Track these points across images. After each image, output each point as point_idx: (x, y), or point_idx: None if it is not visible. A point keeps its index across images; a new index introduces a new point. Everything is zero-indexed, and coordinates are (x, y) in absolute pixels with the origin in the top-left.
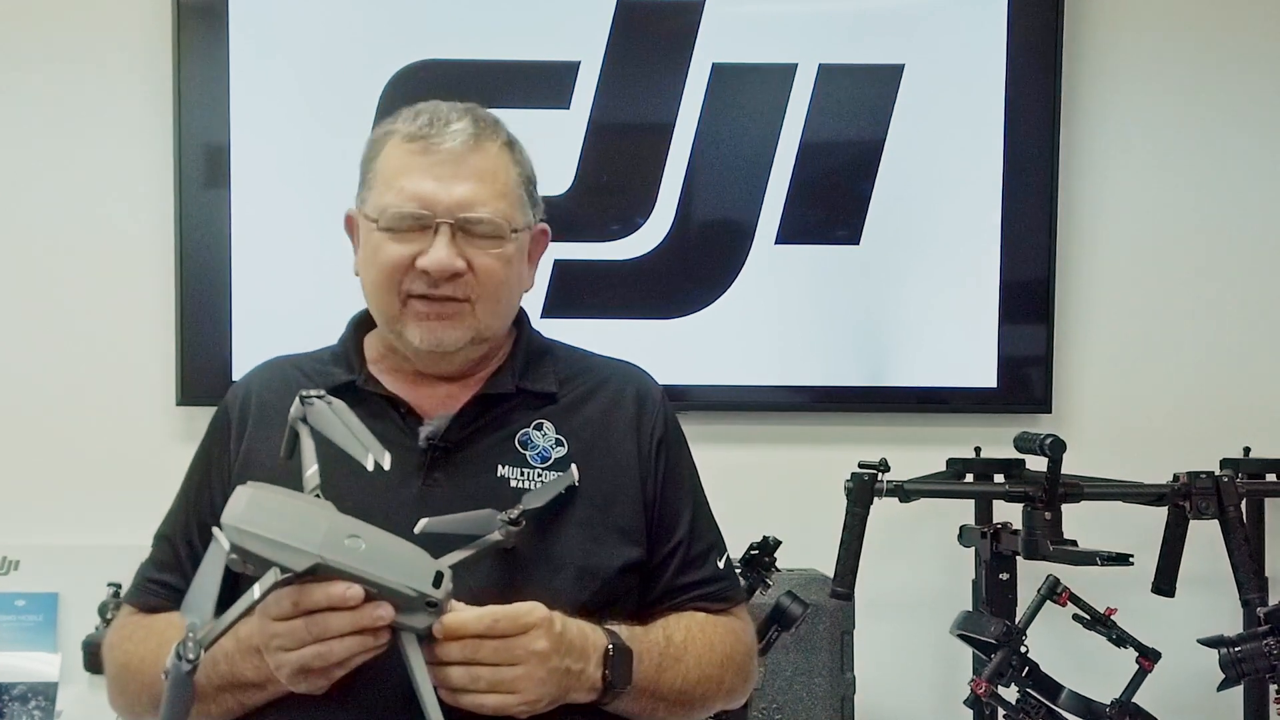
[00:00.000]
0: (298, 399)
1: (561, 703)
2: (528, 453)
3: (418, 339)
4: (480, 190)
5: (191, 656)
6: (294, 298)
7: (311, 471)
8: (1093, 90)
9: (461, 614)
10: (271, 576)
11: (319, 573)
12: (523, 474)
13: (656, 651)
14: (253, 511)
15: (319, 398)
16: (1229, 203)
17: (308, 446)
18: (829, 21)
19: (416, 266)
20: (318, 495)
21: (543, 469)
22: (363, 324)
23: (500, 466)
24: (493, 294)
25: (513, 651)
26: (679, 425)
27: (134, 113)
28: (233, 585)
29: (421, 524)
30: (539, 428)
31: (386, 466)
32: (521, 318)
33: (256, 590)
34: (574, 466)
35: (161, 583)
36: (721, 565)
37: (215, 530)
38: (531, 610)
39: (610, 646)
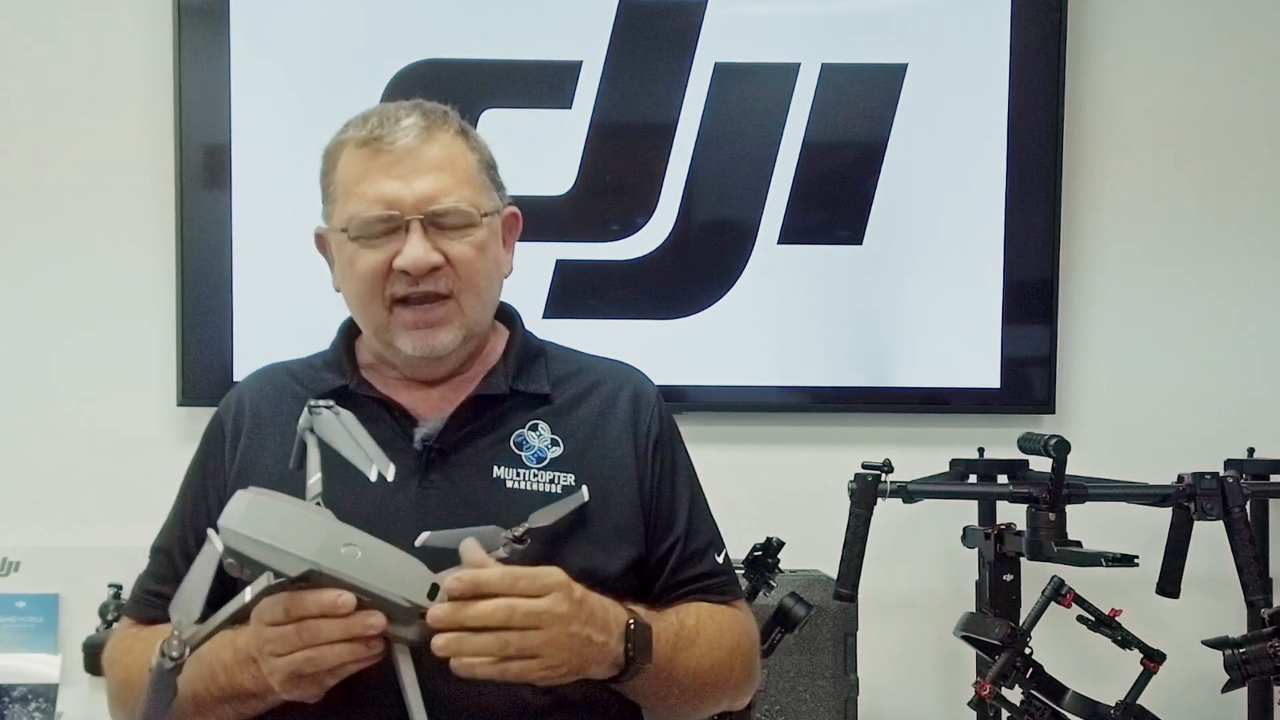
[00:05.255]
0: (306, 409)
1: (579, 675)
2: (523, 454)
3: (410, 348)
4: (442, 180)
5: (175, 655)
6: (295, 298)
7: (315, 479)
8: (1096, 89)
9: (480, 572)
10: (264, 580)
11: (313, 579)
12: (519, 475)
13: (672, 632)
14: (250, 516)
15: (327, 408)
16: (1234, 203)
17: (313, 456)
18: (831, 21)
19: (395, 268)
20: (318, 503)
21: (539, 469)
22: (353, 329)
23: (496, 467)
24: (472, 283)
25: (536, 614)
26: (675, 424)
27: (135, 113)
28: (231, 590)
29: (423, 537)
30: (534, 428)
31: (390, 478)
32: (515, 319)
33: (248, 594)
34: (585, 488)
35: (160, 595)
36: (720, 561)
37: (210, 532)
38: (550, 573)
39: (631, 622)
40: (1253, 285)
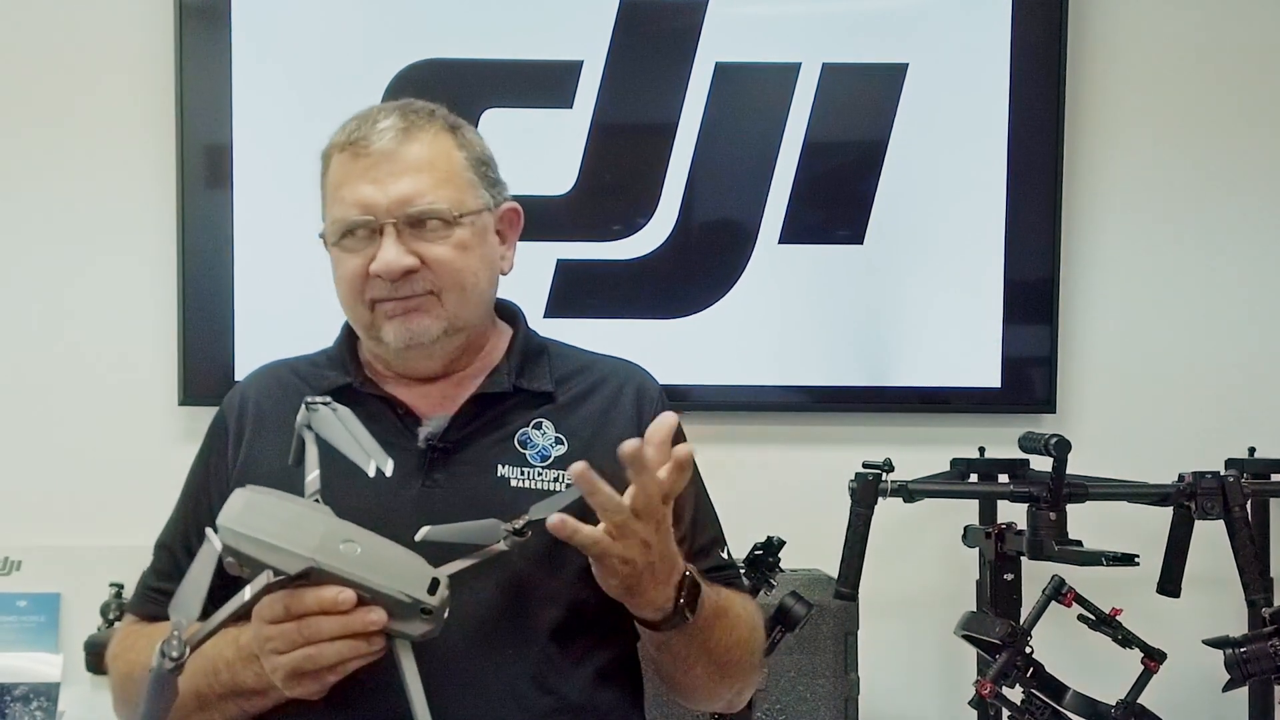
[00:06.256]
0: (303, 405)
1: (631, 593)
2: (527, 452)
3: (392, 337)
4: (418, 182)
5: (175, 655)
6: (296, 298)
7: (313, 476)
8: (1097, 89)
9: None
10: (263, 579)
11: (312, 577)
12: (523, 473)
13: (713, 600)
14: (248, 514)
15: (324, 404)
16: (1234, 202)
17: (311, 453)
18: (832, 20)
19: (370, 273)
20: (317, 500)
21: (543, 468)
22: None
23: (500, 466)
24: (454, 282)
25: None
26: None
27: (136, 113)
28: (234, 587)
29: (423, 532)
30: (538, 426)
31: (389, 474)
32: (518, 317)
33: (247, 592)
34: None
35: (163, 591)
36: (726, 557)
37: (208, 531)
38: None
39: (688, 572)
40: (1253, 285)
